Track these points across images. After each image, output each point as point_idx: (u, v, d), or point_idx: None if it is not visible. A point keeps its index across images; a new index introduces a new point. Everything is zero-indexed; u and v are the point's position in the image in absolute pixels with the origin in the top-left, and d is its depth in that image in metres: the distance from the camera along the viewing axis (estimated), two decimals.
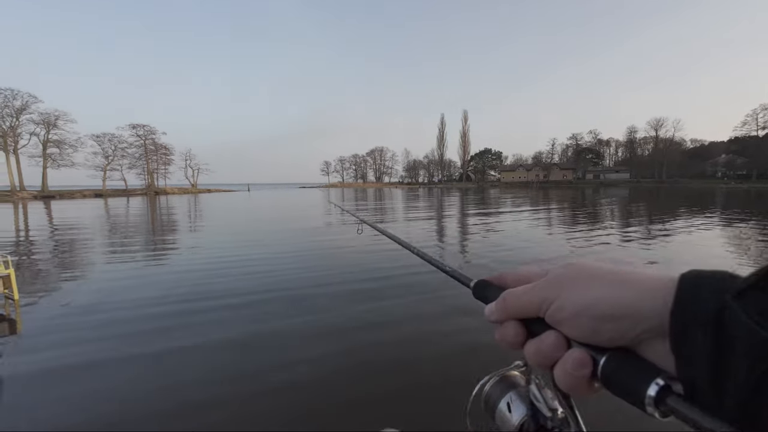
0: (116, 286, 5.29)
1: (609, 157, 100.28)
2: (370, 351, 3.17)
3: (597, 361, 0.25)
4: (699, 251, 7.29)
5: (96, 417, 2.34)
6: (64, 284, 5.53)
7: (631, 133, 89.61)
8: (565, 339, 0.27)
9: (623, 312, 0.24)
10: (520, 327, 0.30)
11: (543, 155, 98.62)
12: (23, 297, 4.74)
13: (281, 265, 6.39)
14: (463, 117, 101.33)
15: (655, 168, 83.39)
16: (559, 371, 0.26)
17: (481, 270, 5.86)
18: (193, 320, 3.90)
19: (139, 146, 61.43)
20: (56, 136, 50.00)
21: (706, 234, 9.59)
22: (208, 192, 64.36)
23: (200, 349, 3.23)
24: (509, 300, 0.31)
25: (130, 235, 11.02)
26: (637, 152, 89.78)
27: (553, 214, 15.49)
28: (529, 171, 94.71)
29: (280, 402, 2.47)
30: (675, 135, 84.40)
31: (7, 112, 44.97)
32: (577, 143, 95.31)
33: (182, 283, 5.33)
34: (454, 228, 11.91)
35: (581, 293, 0.26)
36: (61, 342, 3.45)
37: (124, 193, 52.83)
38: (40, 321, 4.03)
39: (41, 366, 3.00)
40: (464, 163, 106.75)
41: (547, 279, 0.29)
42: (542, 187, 72.14)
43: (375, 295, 4.63)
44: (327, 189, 77.18)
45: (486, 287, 0.35)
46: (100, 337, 3.55)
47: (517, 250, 7.47)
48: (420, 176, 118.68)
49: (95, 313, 4.19)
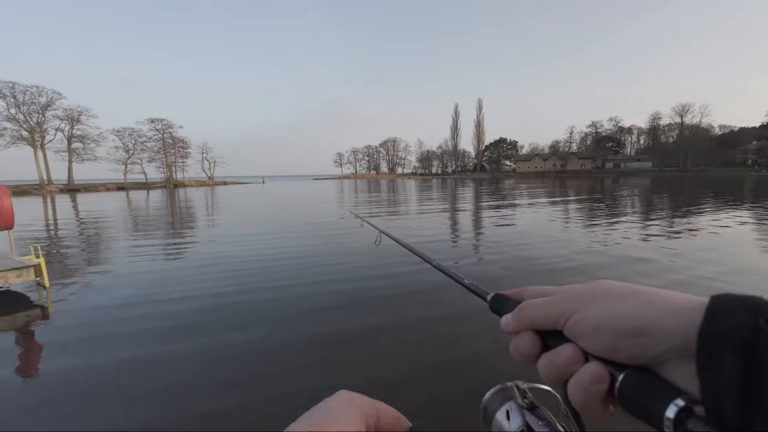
0: (160, 277, 5.49)
1: (630, 145, 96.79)
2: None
3: (615, 377, 0.24)
4: (728, 250, 6.98)
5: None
6: (103, 274, 5.77)
7: (655, 120, 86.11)
8: (582, 353, 0.26)
9: (646, 329, 0.23)
10: (535, 338, 0.30)
11: (560, 144, 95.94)
12: (55, 285, 4.98)
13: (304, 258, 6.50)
14: (478, 106, 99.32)
15: (679, 156, 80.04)
16: (574, 385, 0.26)
17: (491, 275, 5.81)
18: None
19: (158, 140, 63.00)
20: (79, 131, 51.86)
21: (739, 230, 8.78)
22: (225, 184, 65.62)
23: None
24: (526, 310, 0.31)
25: (161, 228, 11.36)
26: (660, 140, 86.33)
27: (566, 207, 15.13)
28: (545, 161, 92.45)
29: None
30: (702, 121, 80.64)
31: (33, 108, 46.84)
32: (597, 131, 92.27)
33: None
34: (467, 224, 11.79)
35: (603, 308, 0.26)
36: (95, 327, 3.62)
37: (144, 186, 54.45)
38: (72, 308, 4.22)
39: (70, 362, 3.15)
40: (478, 153, 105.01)
41: (568, 292, 0.29)
42: (559, 177, 70.38)
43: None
44: (341, 181, 77.35)
45: (503, 301, 0.35)
46: (134, 331, 3.70)
47: (532, 248, 7.35)
48: (433, 167, 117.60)
49: (133, 306, 4.37)
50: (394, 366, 2.81)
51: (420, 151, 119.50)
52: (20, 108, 45.66)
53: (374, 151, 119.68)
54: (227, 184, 65.26)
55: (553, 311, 0.28)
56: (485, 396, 0.36)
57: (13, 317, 3.96)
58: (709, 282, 4.57)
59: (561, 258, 5.94)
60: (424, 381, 2.60)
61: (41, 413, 2.33)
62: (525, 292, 0.35)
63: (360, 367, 2.81)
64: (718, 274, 4.88)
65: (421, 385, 2.55)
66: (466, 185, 40.29)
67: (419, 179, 80.00)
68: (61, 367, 2.87)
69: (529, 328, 0.30)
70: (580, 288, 0.29)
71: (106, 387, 2.60)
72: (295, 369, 2.78)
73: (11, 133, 45.47)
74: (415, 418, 0.25)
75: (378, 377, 2.67)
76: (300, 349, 3.08)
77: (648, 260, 5.70)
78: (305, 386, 2.54)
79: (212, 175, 76.83)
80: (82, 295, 4.63)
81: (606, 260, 5.78)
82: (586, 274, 4.99)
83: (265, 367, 2.80)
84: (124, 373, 2.77)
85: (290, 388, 2.53)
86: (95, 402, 2.44)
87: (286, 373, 2.72)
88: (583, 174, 78.46)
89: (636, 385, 0.23)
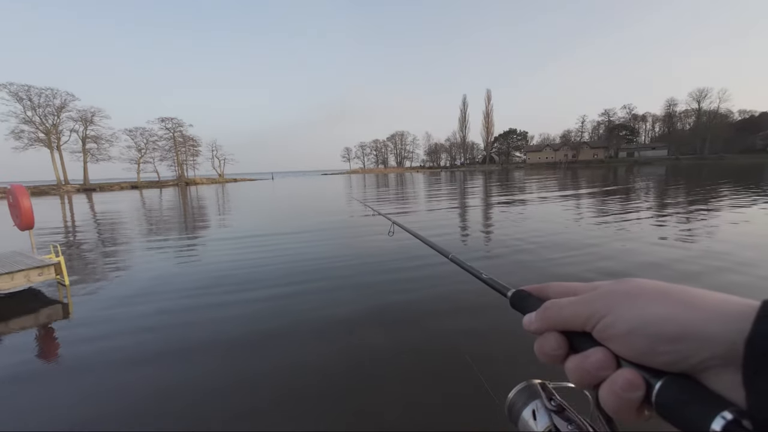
0: (171, 273, 5.62)
1: (645, 133, 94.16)
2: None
3: (651, 384, 0.23)
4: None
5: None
6: (120, 271, 5.93)
7: (671, 107, 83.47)
8: (614, 357, 0.25)
9: (686, 333, 0.21)
10: (562, 339, 0.28)
11: (572, 134, 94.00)
12: (75, 284, 5.14)
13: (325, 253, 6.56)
14: (486, 97, 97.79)
15: (696, 143, 77.56)
16: (607, 391, 0.24)
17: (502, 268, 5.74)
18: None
19: (169, 139, 63.97)
20: (93, 132, 53.12)
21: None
22: (235, 181, 66.44)
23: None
24: (551, 310, 0.29)
25: (176, 227, 11.59)
26: (676, 127, 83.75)
27: (578, 201, 14.86)
28: (556, 151, 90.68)
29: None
30: (720, 106, 77.75)
31: (48, 110, 48.00)
32: (609, 119, 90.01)
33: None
34: (478, 220, 11.69)
35: (637, 309, 0.24)
36: (113, 325, 3.73)
37: (157, 185, 55.44)
38: (92, 305, 4.36)
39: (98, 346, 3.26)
40: (487, 145, 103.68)
41: (598, 292, 0.27)
42: (570, 167, 69.04)
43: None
44: (349, 176, 77.42)
45: (525, 298, 0.34)
46: (154, 325, 3.80)
47: (539, 238, 7.25)
48: (442, 160, 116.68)
49: (151, 301, 4.48)
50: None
51: (428, 144, 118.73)
52: (36, 110, 46.90)
53: (382, 145, 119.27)
54: (237, 181, 66.04)
55: (581, 312, 0.27)
56: (510, 394, 0.35)
57: (36, 314, 4.11)
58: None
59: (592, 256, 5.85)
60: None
61: (58, 410, 2.42)
62: (548, 288, 0.33)
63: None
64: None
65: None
66: (475, 178, 39.90)
67: (427, 172, 79.50)
68: (78, 363, 2.97)
69: (554, 329, 0.29)
70: (611, 287, 0.27)
71: (117, 385, 2.67)
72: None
73: (29, 135, 46.85)
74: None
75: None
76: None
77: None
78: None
79: (222, 173, 77.75)
80: (99, 293, 4.77)
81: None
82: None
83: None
84: (138, 373, 2.85)
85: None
86: (106, 401, 2.52)
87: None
88: (595, 164, 76.72)
89: (676, 394, 0.22)
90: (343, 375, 2.61)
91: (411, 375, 2.59)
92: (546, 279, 3.20)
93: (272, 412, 2.27)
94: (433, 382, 2.50)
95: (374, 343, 3.05)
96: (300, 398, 2.38)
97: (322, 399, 2.35)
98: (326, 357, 2.87)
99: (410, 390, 2.41)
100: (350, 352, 2.92)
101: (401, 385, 2.47)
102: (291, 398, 2.38)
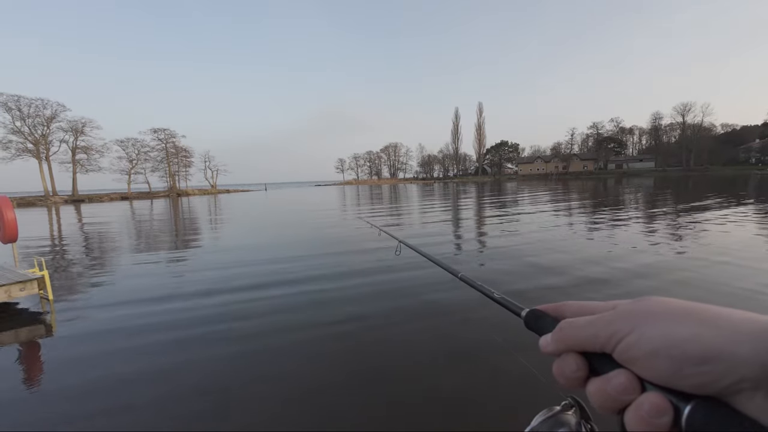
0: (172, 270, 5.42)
1: (632, 145, 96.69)
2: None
3: (680, 409, 0.21)
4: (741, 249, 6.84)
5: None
6: (106, 286, 5.71)
7: (656, 120, 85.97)
8: (638, 380, 0.23)
9: (714, 355, 0.20)
10: (581, 360, 0.27)
11: (562, 146, 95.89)
12: (59, 301, 4.92)
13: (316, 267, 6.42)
14: (478, 109, 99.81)
15: (682, 155, 79.63)
16: (633, 417, 0.22)
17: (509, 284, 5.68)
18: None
19: (161, 150, 63.38)
20: (83, 143, 52.13)
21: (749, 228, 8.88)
22: (227, 192, 65.85)
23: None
24: (568, 330, 0.28)
25: (165, 242, 11.32)
26: (662, 139, 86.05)
27: (567, 213, 15.00)
28: (547, 163, 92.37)
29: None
30: (704, 120, 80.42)
31: (38, 121, 47.27)
32: (598, 132, 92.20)
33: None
34: (472, 229, 11.68)
35: (661, 329, 0.23)
36: (96, 342, 3.54)
37: (148, 196, 54.63)
38: (77, 323, 4.16)
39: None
40: (480, 157, 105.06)
41: (617, 311, 0.26)
42: (561, 179, 70.15)
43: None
44: (343, 187, 77.46)
45: (540, 317, 0.32)
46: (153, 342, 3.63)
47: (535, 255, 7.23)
48: (435, 171, 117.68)
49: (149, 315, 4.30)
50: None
51: (421, 156, 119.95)
52: (25, 121, 46.10)
53: (375, 156, 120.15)
54: (230, 192, 65.50)
55: (600, 332, 0.25)
56: (533, 422, 0.32)
57: (16, 332, 3.90)
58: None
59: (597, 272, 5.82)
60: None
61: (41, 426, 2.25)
62: (564, 307, 0.32)
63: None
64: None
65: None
66: (468, 189, 40.18)
67: (420, 183, 79.98)
68: (62, 383, 2.79)
69: (572, 350, 0.27)
70: (631, 306, 0.26)
71: (104, 400, 2.52)
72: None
73: (16, 145, 45.88)
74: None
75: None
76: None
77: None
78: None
79: (215, 184, 77.13)
80: (85, 310, 4.56)
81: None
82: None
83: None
84: (126, 386, 2.69)
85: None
86: (93, 411, 2.35)
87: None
88: (585, 175, 78.24)
89: (708, 419, 0.20)
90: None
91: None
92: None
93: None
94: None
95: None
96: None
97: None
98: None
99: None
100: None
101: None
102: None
